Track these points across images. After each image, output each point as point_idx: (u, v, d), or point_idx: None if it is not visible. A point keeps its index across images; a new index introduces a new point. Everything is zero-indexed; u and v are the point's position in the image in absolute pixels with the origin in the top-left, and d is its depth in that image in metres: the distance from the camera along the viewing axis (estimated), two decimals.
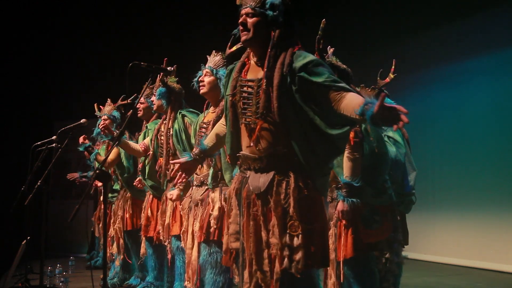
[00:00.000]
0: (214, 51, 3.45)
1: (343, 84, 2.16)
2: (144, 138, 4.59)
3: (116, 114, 5.20)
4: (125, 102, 5.22)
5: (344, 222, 2.81)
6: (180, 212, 3.70)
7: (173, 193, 3.75)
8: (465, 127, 6.69)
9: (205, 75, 3.39)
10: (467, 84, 6.78)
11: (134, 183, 4.55)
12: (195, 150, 2.63)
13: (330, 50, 3.07)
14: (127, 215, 4.87)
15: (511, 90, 6.21)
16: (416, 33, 7.41)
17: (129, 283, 4.91)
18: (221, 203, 3.18)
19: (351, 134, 2.72)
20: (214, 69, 3.37)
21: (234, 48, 3.25)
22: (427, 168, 6.60)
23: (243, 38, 2.29)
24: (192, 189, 3.52)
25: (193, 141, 3.59)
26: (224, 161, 3.18)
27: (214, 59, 3.43)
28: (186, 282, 3.44)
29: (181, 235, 3.58)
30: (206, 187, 3.35)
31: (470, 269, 6.24)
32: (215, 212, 3.17)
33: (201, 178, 3.40)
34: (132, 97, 5.21)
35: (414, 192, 3.68)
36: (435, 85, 7.21)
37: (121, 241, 4.91)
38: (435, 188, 6.99)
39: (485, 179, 6.36)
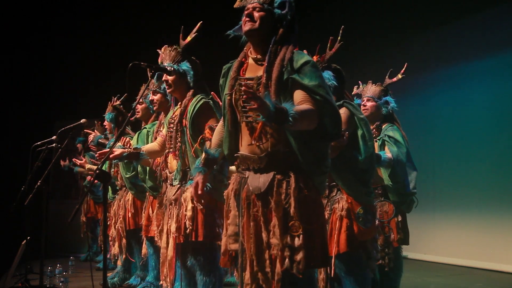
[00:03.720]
0: (165, 46, 3.30)
1: (318, 97, 2.18)
2: (138, 138, 4.57)
3: (111, 115, 5.18)
4: (118, 102, 5.20)
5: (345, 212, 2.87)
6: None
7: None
8: (466, 127, 6.69)
9: (167, 74, 3.25)
10: (468, 85, 6.78)
11: None
12: (202, 161, 2.61)
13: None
14: (129, 215, 4.86)
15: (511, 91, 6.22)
16: (417, 34, 7.42)
17: (129, 283, 4.90)
18: (193, 203, 3.07)
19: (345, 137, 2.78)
20: (175, 65, 3.21)
21: (189, 38, 3.19)
22: (427, 169, 6.60)
23: (247, 27, 2.28)
24: (167, 187, 3.41)
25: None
26: (190, 155, 3.12)
27: (170, 54, 3.27)
28: (161, 281, 3.40)
29: (158, 234, 3.50)
30: (178, 185, 3.25)
31: (470, 269, 6.24)
32: (189, 213, 3.07)
33: (172, 177, 3.30)
34: (122, 97, 5.21)
35: (415, 192, 3.70)
36: (436, 86, 7.21)
37: (124, 240, 4.90)
38: (435, 189, 6.99)
39: (485, 180, 6.37)
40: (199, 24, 3.18)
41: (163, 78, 3.29)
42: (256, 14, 2.27)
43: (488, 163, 6.35)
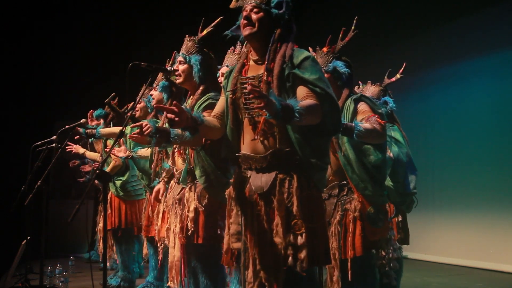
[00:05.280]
0: (187, 35, 3.24)
1: (319, 90, 2.20)
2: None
3: (100, 111, 5.19)
4: (109, 99, 5.20)
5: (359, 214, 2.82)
6: (167, 214, 3.61)
7: (160, 187, 3.54)
8: (465, 127, 6.70)
9: (179, 64, 3.17)
10: (468, 84, 6.79)
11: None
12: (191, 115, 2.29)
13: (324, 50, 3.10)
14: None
15: (511, 91, 6.22)
16: (416, 34, 7.42)
17: (109, 284, 4.87)
18: (195, 204, 3.04)
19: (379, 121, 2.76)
20: (188, 56, 3.15)
21: (205, 32, 3.16)
22: (427, 169, 6.61)
23: (247, 32, 2.30)
24: (174, 184, 3.38)
25: None
26: (194, 154, 3.05)
27: (187, 44, 3.22)
28: (169, 282, 3.38)
29: (166, 232, 3.51)
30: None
31: (470, 269, 6.25)
32: (191, 214, 3.04)
33: (178, 175, 3.26)
34: (110, 97, 5.21)
35: (415, 192, 3.69)
36: (436, 85, 7.22)
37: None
38: (435, 188, 6.99)
39: (485, 179, 6.37)
40: (219, 19, 3.13)
41: (175, 67, 3.20)
42: (254, 16, 2.29)
43: (488, 162, 6.35)
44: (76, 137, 4.85)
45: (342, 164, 2.88)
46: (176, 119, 2.15)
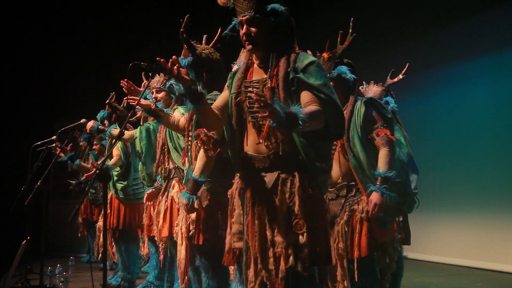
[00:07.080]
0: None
1: (323, 96, 2.19)
2: (141, 134, 4.54)
3: (103, 113, 5.18)
4: (110, 99, 5.18)
5: (366, 215, 2.83)
6: (168, 213, 3.64)
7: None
8: (466, 128, 6.70)
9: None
10: (468, 85, 6.79)
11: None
12: (190, 187, 2.87)
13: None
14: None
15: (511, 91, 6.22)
16: (417, 35, 7.43)
17: (109, 283, 4.87)
18: (196, 205, 3.01)
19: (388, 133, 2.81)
20: (182, 60, 3.17)
21: (184, 30, 3.18)
22: (428, 169, 6.61)
23: (248, 48, 2.29)
24: (175, 184, 3.41)
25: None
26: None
27: (183, 49, 3.25)
28: (179, 280, 3.39)
29: (175, 229, 3.50)
30: None
31: (470, 269, 6.25)
32: (193, 215, 3.06)
33: (183, 175, 3.30)
34: (110, 96, 5.20)
35: (416, 192, 3.70)
36: (436, 86, 7.22)
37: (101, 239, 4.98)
38: (435, 189, 6.99)
39: (485, 180, 6.37)
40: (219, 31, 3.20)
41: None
42: (252, 31, 2.26)
43: (489, 163, 6.35)
44: (77, 134, 4.84)
45: (352, 166, 2.87)
46: (184, 76, 2.20)
